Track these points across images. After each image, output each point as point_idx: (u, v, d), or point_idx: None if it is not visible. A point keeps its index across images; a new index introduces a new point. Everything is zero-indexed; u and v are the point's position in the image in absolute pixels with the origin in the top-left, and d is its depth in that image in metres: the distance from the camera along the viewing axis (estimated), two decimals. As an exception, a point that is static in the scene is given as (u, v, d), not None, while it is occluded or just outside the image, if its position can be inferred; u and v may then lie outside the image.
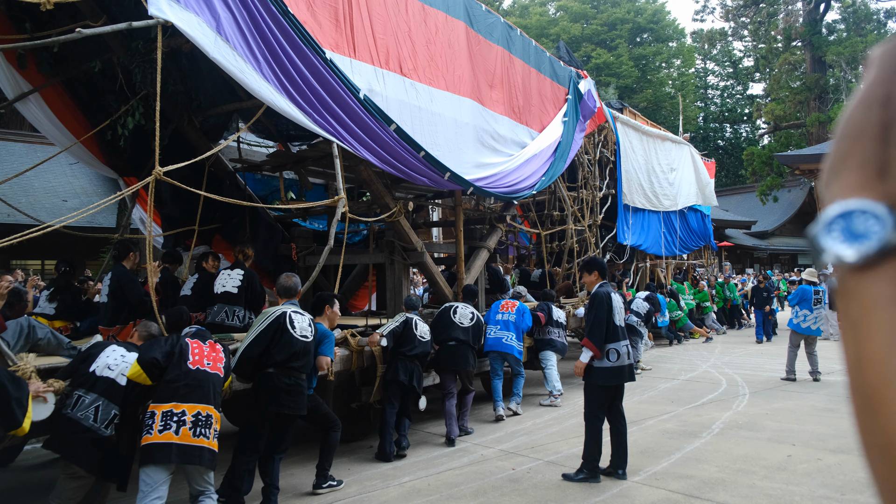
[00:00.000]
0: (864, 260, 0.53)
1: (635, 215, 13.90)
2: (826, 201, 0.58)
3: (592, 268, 6.03)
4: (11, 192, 10.89)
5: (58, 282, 7.10)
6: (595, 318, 5.78)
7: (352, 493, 5.39)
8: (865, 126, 0.56)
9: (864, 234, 0.53)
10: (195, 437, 4.17)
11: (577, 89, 10.92)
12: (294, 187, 9.96)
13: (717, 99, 51.67)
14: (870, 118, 0.56)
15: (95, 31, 5.06)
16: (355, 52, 6.49)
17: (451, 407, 7.01)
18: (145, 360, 4.33)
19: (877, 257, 0.53)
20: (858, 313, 0.54)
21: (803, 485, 5.21)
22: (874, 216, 0.53)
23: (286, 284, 5.40)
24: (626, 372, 5.73)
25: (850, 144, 0.57)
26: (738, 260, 34.45)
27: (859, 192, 0.55)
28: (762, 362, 12.00)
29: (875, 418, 0.51)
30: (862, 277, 0.54)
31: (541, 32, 40.79)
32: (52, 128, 7.88)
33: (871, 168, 0.55)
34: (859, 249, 0.53)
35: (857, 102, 0.58)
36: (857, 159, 0.56)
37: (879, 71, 0.57)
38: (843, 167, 0.57)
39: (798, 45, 34.58)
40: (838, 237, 0.54)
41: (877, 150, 0.55)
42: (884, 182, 0.54)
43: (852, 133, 0.57)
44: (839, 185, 0.57)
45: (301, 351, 5.08)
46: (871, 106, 0.56)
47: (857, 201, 0.54)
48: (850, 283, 0.55)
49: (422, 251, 7.85)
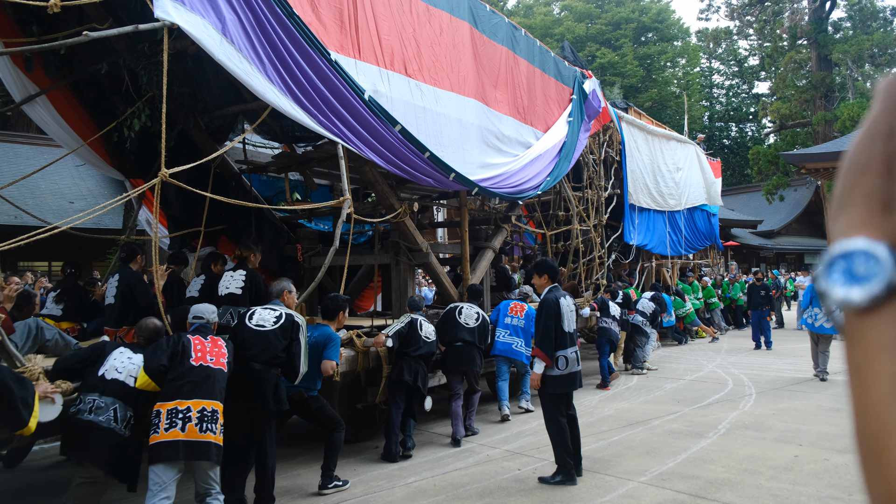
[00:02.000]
0: (865, 303, 0.52)
1: (641, 215, 13.87)
2: (832, 237, 0.57)
3: (542, 270, 5.89)
4: (18, 193, 10.95)
5: (64, 283, 7.13)
6: (544, 327, 5.68)
7: (358, 494, 5.39)
8: (869, 160, 0.55)
9: (865, 275, 0.52)
10: (202, 433, 4.18)
11: (582, 89, 10.91)
12: (299, 188, 9.98)
13: (723, 98, 51.51)
14: (874, 152, 0.55)
15: (102, 33, 5.08)
16: (360, 54, 6.51)
17: (458, 407, 7.02)
18: (152, 368, 4.33)
19: (878, 300, 0.51)
20: (861, 358, 0.52)
21: (810, 485, 5.19)
22: (875, 257, 0.52)
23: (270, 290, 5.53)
24: (577, 379, 5.68)
25: (855, 178, 0.56)
26: (744, 259, 34.34)
27: (863, 229, 0.54)
28: (769, 362, 11.97)
29: (877, 468, 0.50)
30: (864, 320, 0.52)
31: (545, 32, 40.75)
32: (58, 130, 7.92)
33: (875, 203, 0.54)
34: (860, 292, 0.52)
35: (861, 136, 0.57)
36: (862, 194, 0.55)
37: (883, 103, 0.57)
38: (848, 202, 0.56)
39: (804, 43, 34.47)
40: (840, 279, 0.53)
41: (881, 185, 0.54)
42: (889, 217, 0.53)
43: (857, 167, 0.56)
44: (844, 221, 0.56)
45: (249, 341, 4.93)
46: (875, 139, 0.55)
47: (859, 241, 0.53)
48: (853, 325, 0.53)
49: (427, 252, 7.86)
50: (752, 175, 39.14)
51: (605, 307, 10.42)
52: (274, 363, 4.98)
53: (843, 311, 0.54)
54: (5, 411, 3.57)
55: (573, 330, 5.80)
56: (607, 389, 9.73)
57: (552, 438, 5.59)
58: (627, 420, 7.65)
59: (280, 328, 5.04)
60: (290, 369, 5.06)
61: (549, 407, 5.67)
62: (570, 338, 5.70)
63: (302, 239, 8.95)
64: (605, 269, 12.46)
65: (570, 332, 5.71)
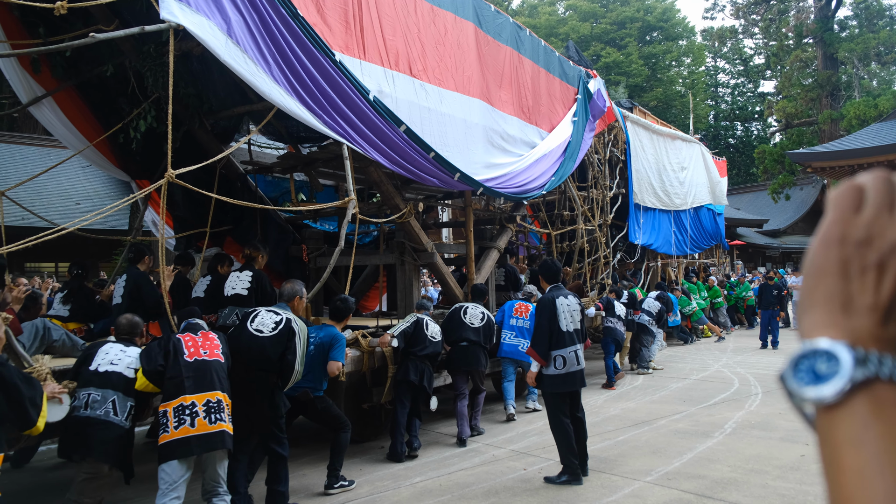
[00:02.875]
0: (828, 401, 0.54)
1: (646, 214, 13.85)
2: (798, 337, 0.60)
3: (542, 271, 6.08)
4: (25, 195, 10.99)
5: (71, 284, 7.16)
6: (537, 326, 5.74)
7: (363, 494, 5.40)
8: (826, 264, 0.59)
9: (826, 374, 0.55)
10: (212, 424, 4.19)
11: (587, 89, 10.90)
12: (305, 189, 10.01)
13: (728, 97, 51.34)
14: (829, 257, 0.59)
15: (108, 35, 5.11)
16: (365, 54, 6.52)
17: (463, 407, 7.02)
18: (150, 370, 4.34)
19: (839, 398, 0.54)
20: (829, 453, 0.55)
21: (816, 484, 5.18)
22: (836, 357, 0.55)
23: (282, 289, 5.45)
24: (577, 378, 5.66)
25: (815, 282, 0.60)
26: (749, 259, 34.23)
27: (824, 329, 0.57)
28: (775, 361, 11.93)
29: None
30: (829, 418, 0.55)
31: (550, 32, 40.71)
32: (65, 131, 7.95)
33: (835, 304, 0.58)
34: (823, 390, 0.54)
35: (817, 242, 0.61)
36: (823, 296, 0.59)
37: (834, 212, 0.61)
38: (810, 304, 0.60)
39: (809, 41, 34.35)
40: (804, 378, 0.56)
41: (839, 287, 0.58)
42: (848, 318, 0.57)
43: (816, 271, 0.60)
44: (807, 322, 0.59)
45: (245, 345, 4.86)
46: (830, 245, 0.60)
47: (821, 341, 0.56)
48: (820, 422, 0.56)
49: (432, 252, 7.86)
50: (757, 174, 39.01)
51: (611, 307, 10.41)
52: (268, 369, 4.91)
53: (811, 409, 0.56)
54: (14, 411, 3.58)
55: (573, 329, 5.76)
56: (613, 389, 9.72)
57: (556, 438, 5.59)
58: (633, 420, 7.64)
59: (277, 335, 4.93)
60: (282, 377, 4.96)
61: (551, 406, 5.68)
62: (569, 337, 5.67)
63: (307, 239, 8.96)
64: (610, 268, 12.44)
65: (568, 332, 5.68)
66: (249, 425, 4.83)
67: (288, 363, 4.90)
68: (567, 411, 5.64)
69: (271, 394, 4.93)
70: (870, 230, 0.58)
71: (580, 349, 5.77)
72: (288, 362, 4.90)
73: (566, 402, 5.67)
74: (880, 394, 0.53)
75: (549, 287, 5.93)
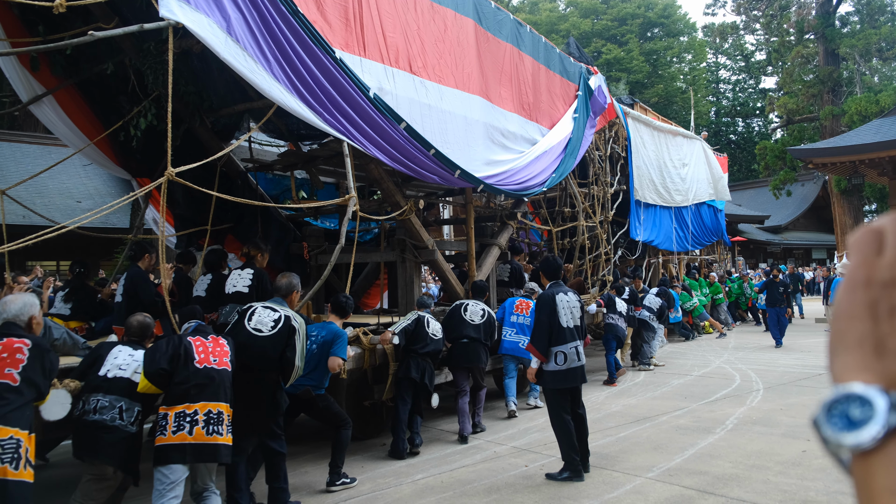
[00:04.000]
0: (864, 447, 0.54)
1: (647, 211, 13.84)
2: (830, 381, 0.60)
3: (543, 268, 6.17)
4: (26, 193, 11.00)
5: (72, 282, 7.17)
6: (537, 323, 5.75)
7: (366, 491, 5.41)
8: (854, 307, 0.59)
9: (861, 420, 0.54)
10: (208, 436, 4.17)
11: (588, 85, 10.89)
12: (305, 186, 10.01)
13: (729, 93, 51.27)
14: (856, 300, 0.59)
15: (108, 33, 5.10)
16: (365, 51, 6.51)
17: (464, 404, 7.03)
18: (151, 372, 4.29)
19: (875, 444, 0.53)
20: (866, 501, 0.54)
21: (818, 480, 5.18)
22: (870, 402, 0.54)
23: (277, 283, 5.33)
24: (578, 374, 5.66)
25: (845, 325, 0.60)
26: (751, 255, 34.23)
27: (857, 374, 0.57)
28: (776, 357, 11.93)
29: None
30: (864, 464, 0.54)
31: (551, 28, 40.66)
32: (65, 130, 7.96)
33: (867, 347, 0.57)
34: (857, 437, 0.54)
35: (843, 286, 0.62)
36: (853, 339, 0.58)
37: (856, 256, 0.61)
38: (842, 346, 0.59)
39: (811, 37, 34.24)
40: (838, 423, 0.55)
41: (869, 329, 0.57)
42: (881, 360, 0.56)
43: (844, 315, 0.60)
44: (839, 365, 0.59)
45: (244, 345, 4.78)
46: (856, 289, 0.60)
47: (855, 385, 0.55)
48: (856, 469, 0.55)
49: (433, 249, 7.86)
50: (758, 170, 38.91)
51: (612, 303, 10.41)
52: (269, 368, 4.88)
53: (847, 455, 0.56)
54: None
55: (574, 326, 5.75)
56: (614, 385, 9.72)
57: (557, 435, 5.59)
58: (634, 416, 7.64)
59: (277, 334, 4.86)
60: (283, 374, 4.91)
61: (552, 403, 5.68)
62: (569, 333, 5.66)
63: (308, 237, 8.96)
64: (611, 265, 12.44)
65: (568, 328, 5.68)
66: (249, 424, 4.83)
67: (288, 360, 4.85)
68: (568, 408, 5.64)
69: (272, 393, 4.92)
70: (894, 271, 0.58)
71: (580, 345, 5.77)
72: (288, 359, 4.85)
73: (567, 399, 5.67)
74: None
75: (549, 283, 5.94)
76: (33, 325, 4.02)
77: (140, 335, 4.72)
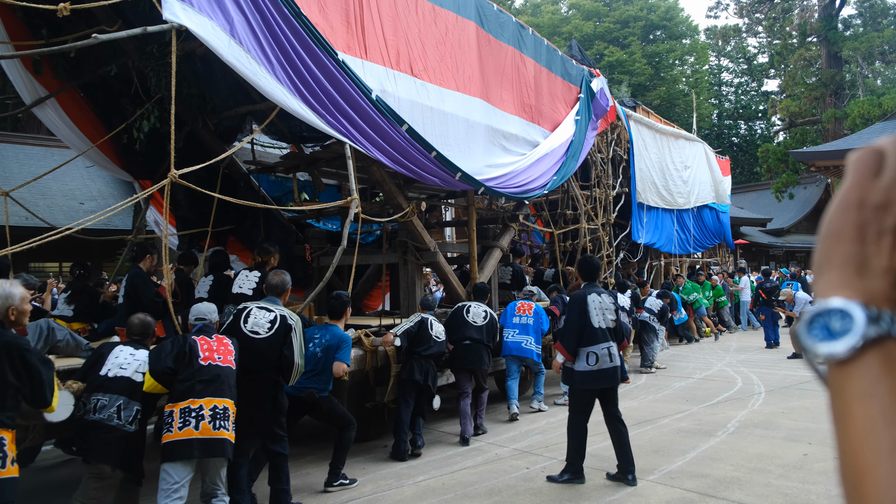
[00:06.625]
0: (841, 356, 0.57)
1: (649, 213, 13.84)
2: (814, 297, 0.63)
3: (579, 269, 6.24)
4: (29, 195, 11.02)
5: (75, 284, 7.18)
6: (567, 322, 5.77)
7: (367, 492, 5.41)
8: (843, 228, 0.61)
9: (840, 331, 0.57)
10: (215, 430, 4.20)
11: (590, 88, 10.90)
12: (307, 188, 10.02)
13: (732, 96, 51.21)
14: (847, 221, 0.61)
15: (111, 36, 5.12)
16: (367, 54, 6.53)
17: (466, 406, 7.03)
18: (157, 371, 4.33)
19: (852, 353, 0.56)
20: (841, 406, 0.58)
21: (819, 483, 5.17)
22: (850, 315, 0.57)
23: (270, 282, 5.32)
24: (610, 375, 5.58)
25: (832, 245, 0.62)
26: (753, 258, 34.16)
27: (839, 290, 0.60)
28: (777, 360, 11.91)
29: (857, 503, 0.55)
30: (841, 373, 0.58)
31: (553, 31, 40.68)
32: (68, 132, 7.98)
33: (851, 266, 0.60)
34: (836, 346, 0.57)
35: (835, 206, 0.63)
36: (839, 259, 0.61)
37: (853, 176, 0.62)
38: (826, 266, 0.62)
39: (813, 40, 34.25)
40: (818, 334, 0.59)
41: (855, 250, 0.60)
42: (862, 279, 0.59)
43: (833, 234, 0.62)
44: (822, 283, 0.62)
45: (242, 347, 4.75)
46: (848, 209, 0.61)
47: (836, 300, 0.58)
48: (832, 377, 0.59)
49: (435, 251, 7.87)
50: (761, 173, 38.90)
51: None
52: (269, 369, 4.90)
53: (823, 365, 0.59)
54: (34, 391, 3.70)
55: (607, 327, 5.69)
56: (627, 382, 9.71)
57: (569, 437, 5.55)
58: (636, 419, 7.63)
59: (274, 335, 4.88)
60: (283, 373, 4.93)
61: (575, 404, 5.66)
62: (601, 334, 5.61)
63: (310, 239, 8.97)
64: (612, 267, 12.44)
65: (601, 329, 5.63)
66: (250, 425, 4.84)
67: (286, 358, 4.87)
68: (589, 413, 5.58)
69: (274, 394, 4.93)
70: (889, 194, 0.59)
71: (614, 347, 5.69)
72: (287, 358, 4.87)
73: (591, 404, 5.60)
74: (892, 351, 0.56)
75: (584, 284, 5.95)
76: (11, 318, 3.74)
77: (141, 334, 4.74)
